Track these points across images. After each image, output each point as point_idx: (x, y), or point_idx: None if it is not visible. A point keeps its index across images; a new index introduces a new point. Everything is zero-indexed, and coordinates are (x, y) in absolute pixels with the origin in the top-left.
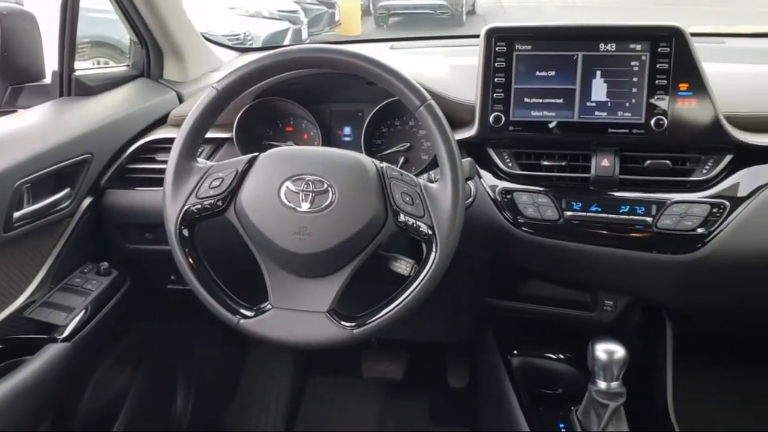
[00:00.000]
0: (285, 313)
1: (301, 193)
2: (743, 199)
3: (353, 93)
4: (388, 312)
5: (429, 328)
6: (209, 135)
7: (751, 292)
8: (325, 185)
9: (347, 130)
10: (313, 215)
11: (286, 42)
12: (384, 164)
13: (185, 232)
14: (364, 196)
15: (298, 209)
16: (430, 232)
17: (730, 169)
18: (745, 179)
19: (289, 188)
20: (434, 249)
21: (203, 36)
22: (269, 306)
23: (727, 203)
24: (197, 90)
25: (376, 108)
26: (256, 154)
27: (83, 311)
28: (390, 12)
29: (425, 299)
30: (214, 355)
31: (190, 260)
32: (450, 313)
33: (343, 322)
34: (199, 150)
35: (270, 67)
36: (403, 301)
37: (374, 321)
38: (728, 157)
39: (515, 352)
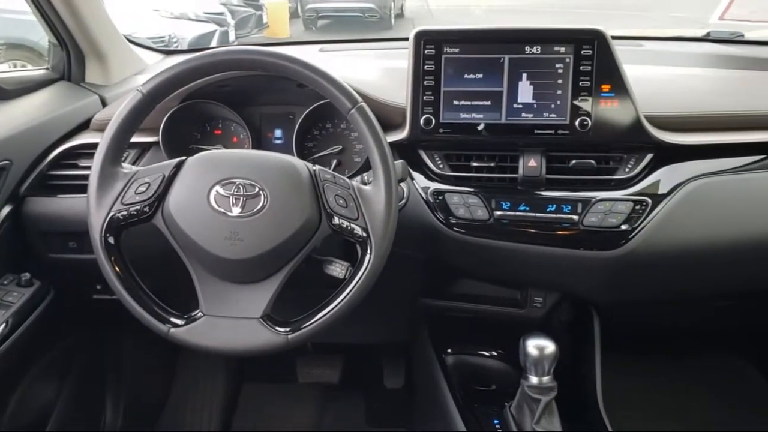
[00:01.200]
0: (217, 321)
1: (231, 197)
2: (663, 196)
3: (283, 95)
4: (323, 316)
5: (364, 331)
6: (134, 139)
7: (672, 285)
8: (257, 189)
9: (278, 132)
10: (245, 220)
11: (213, 44)
12: (317, 167)
13: (111, 240)
14: (297, 200)
15: (229, 214)
16: (364, 234)
17: (651, 168)
18: (665, 177)
19: (219, 192)
20: (369, 251)
21: (126, 38)
22: (200, 314)
23: (649, 200)
24: (121, 93)
25: (307, 110)
26: (184, 158)
27: (3, 325)
28: (319, 14)
29: (360, 302)
30: (144, 362)
31: (117, 269)
32: (385, 315)
33: (277, 328)
34: (124, 155)
35: (197, 69)
36: (338, 304)
37: (309, 325)
38: (649, 156)
39: (449, 350)
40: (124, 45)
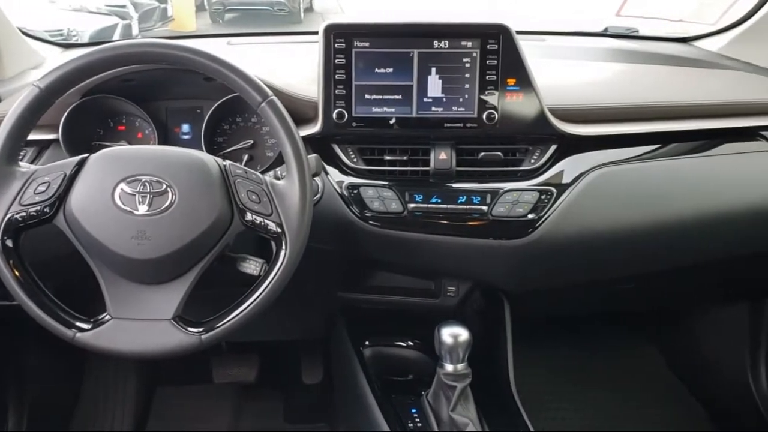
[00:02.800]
0: (126, 323)
1: (137, 195)
2: (567, 186)
3: (191, 89)
4: (238, 314)
5: (281, 327)
6: (32, 137)
7: (577, 271)
8: (164, 186)
9: (186, 127)
10: (152, 218)
11: (115, 38)
12: (227, 162)
13: (9, 243)
14: (207, 196)
15: (135, 212)
16: (278, 229)
17: (555, 158)
18: (569, 167)
19: (123, 190)
20: (284, 247)
21: (21, 30)
22: (108, 317)
23: (554, 190)
24: (16, 89)
25: (216, 104)
26: (86, 155)
27: None
28: (226, 8)
29: (276, 298)
30: (50, 367)
31: (16, 273)
32: (302, 311)
33: (189, 329)
34: (21, 153)
35: (99, 62)
36: (253, 302)
37: (224, 325)
38: (553, 147)
39: (367, 343)
40: (17, 37)
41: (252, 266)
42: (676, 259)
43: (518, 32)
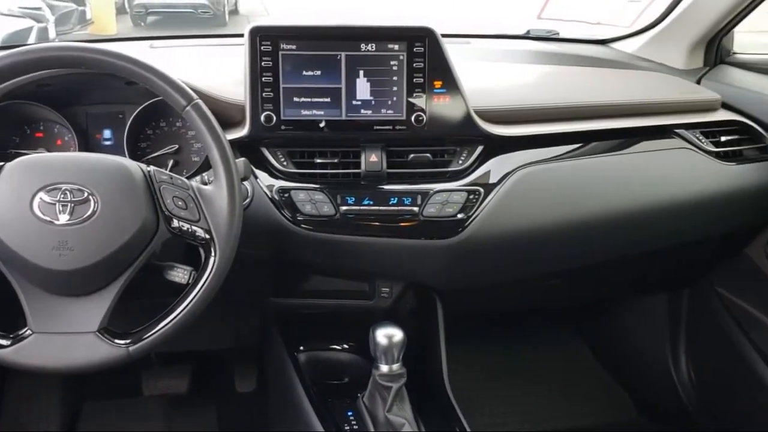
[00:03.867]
0: (48, 338)
1: (57, 204)
2: (494, 185)
3: (112, 94)
4: (166, 324)
5: (212, 336)
6: None
7: (506, 268)
8: (86, 194)
9: (107, 133)
10: (74, 228)
11: (30, 42)
12: (151, 168)
13: None
14: (131, 203)
15: (56, 222)
16: (207, 236)
17: (482, 159)
18: (495, 167)
19: (43, 200)
20: (213, 253)
21: None
22: (29, 331)
23: (482, 190)
24: None
25: (139, 109)
26: (2, 164)
27: None
28: (148, 10)
29: (206, 306)
30: None
31: None
32: (233, 318)
33: (116, 341)
34: None
35: (12, 67)
36: (182, 311)
37: (152, 335)
38: (480, 148)
39: (301, 348)
40: None
41: (180, 274)
42: (600, 253)
43: (443, 35)
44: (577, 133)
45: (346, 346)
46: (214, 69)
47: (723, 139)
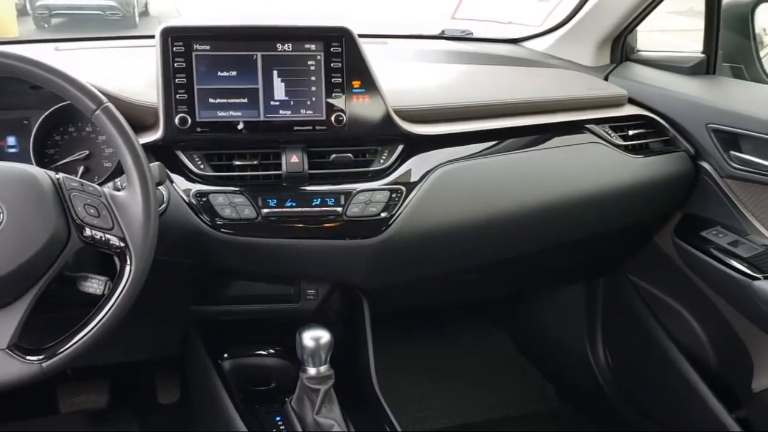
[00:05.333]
0: None
1: None
2: (415, 183)
3: (15, 99)
4: (82, 337)
5: (131, 347)
6: None
7: (429, 264)
8: None
9: (11, 140)
10: None
11: None
12: (60, 175)
13: None
14: (40, 213)
15: None
16: (122, 244)
17: (403, 158)
18: (416, 165)
19: None
20: (129, 262)
21: None
22: None
23: (403, 188)
24: None
25: (45, 114)
26: None
27: None
28: (52, 12)
29: (123, 317)
30: None
31: None
32: (153, 328)
33: (28, 357)
34: None
35: None
36: (98, 323)
37: (66, 350)
38: (400, 147)
39: (225, 355)
40: None
41: (95, 285)
42: (519, 247)
43: (360, 35)
44: (493, 130)
45: (272, 351)
46: (124, 71)
47: (630, 132)
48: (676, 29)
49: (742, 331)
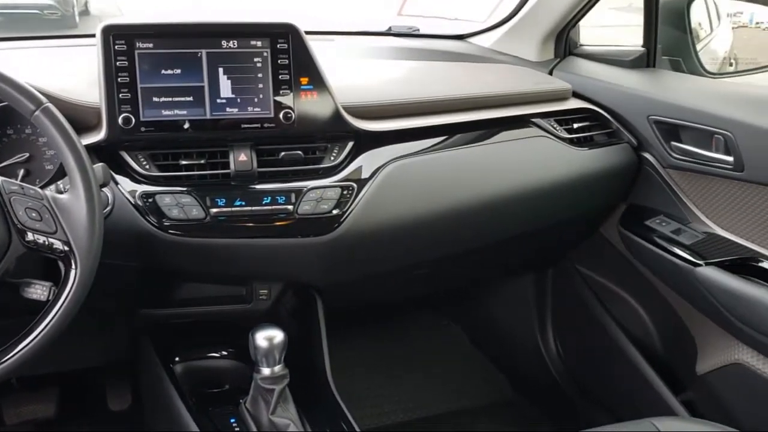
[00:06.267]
0: None
1: None
2: (367, 180)
3: None
4: (26, 346)
5: (79, 354)
6: None
7: (382, 260)
8: None
9: None
10: None
11: None
12: (0, 179)
13: None
14: None
15: None
16: (66, 248)
17: (354, 154)
18: (366, 162)
19: None
20: (73, 266)
21: None
22: None
23: (355, 185)
24: None
25: None
26: None
27: None
28: None
29: (69, 323)
30: None
31: None
32: (101, 333)
33: None
34: None
35: None
36: (42, 330)
37: (9, 359)
38: (350, 144)
39: (177, 359)
40: None
41: (38, 291)
42: (470, 240)
43: (307, 32)
44: (442, 126)
45: (224, 352)
46: (64, 71)
47: (575, 126)
48: (617, 24)
49: (686, 316)
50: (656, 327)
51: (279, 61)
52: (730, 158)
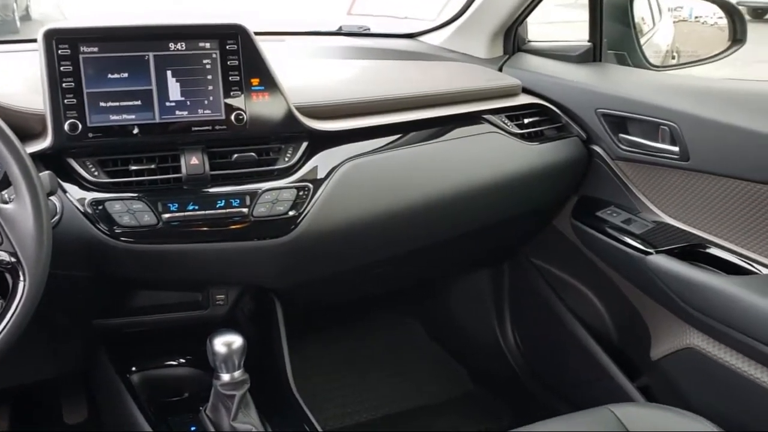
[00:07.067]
0: None
1: None
2: (322, 180)
3: None
4: None
5: (31, 368)
6: None
7: (340, 260)
8: None
9: None
10: None
11: None
12: None
13: None
14: None
15: None
16: (13, 259)
17: (308, 155)
18: (321, 162)
19: None
20: (21, 278)
21: None
22: None
23: (311, 185)
24: None
25: None
26: None
27: None
28: None
29: (19, 337)
30: None
31: None
32: (53, 346)
33: None
34: None
35: None
36: None
37: None
38: (305, 144)
39: (134, 368)
40: None
41: None
42: (426, 237)
43: (257, 33)
44: (396, 124)
45: (182, 360)
46: (6, 77)
47: (526, 121)
48: (564, 21)
49: (639, 304)
50: (611, 316)
51: (229, 63)
52: (676, 148)
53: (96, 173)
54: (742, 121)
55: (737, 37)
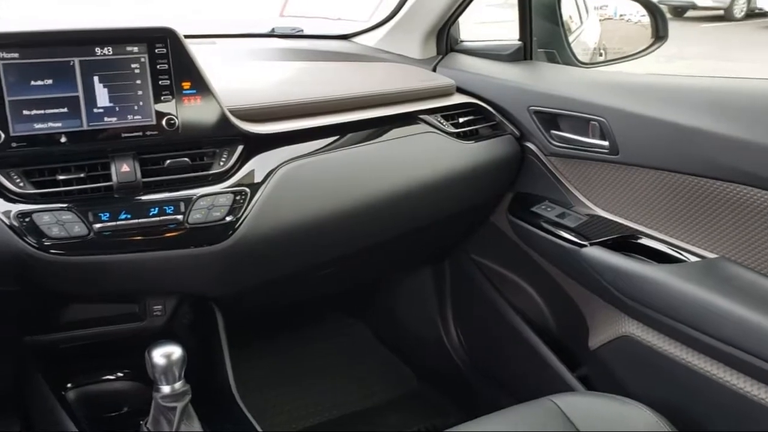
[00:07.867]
0: None
1: None
2: (260, 184)
3: None
4: None
5: None
6: None
7: (282, 264)
8: None
9: None
10: None
11: None
12: None
13: None
14: None
15: None
16: None
17: (244, 158)
18: (258, 165)
19: None
20: None
21: None
22: None
23: (248, 190)
24: None
25: None
26: None
27: None
28: None
29: None
30: None
31: None
32: None
33: None
34: None
35: None
36: None
37: None
38: (240, 148)
39: (69, 385)
40: None
41: None
42: (366, 238)
43: (187, 36)
44: (332, 126)
45: (120, 374)
46: None
47: (461, 120)
48: (494, 20)
49: (576, 295)
50: (549, 308)
51: (158, 67)
52: (606, 143)
53: (22, 184)
54: (667, 115)
55: (660, 34)
